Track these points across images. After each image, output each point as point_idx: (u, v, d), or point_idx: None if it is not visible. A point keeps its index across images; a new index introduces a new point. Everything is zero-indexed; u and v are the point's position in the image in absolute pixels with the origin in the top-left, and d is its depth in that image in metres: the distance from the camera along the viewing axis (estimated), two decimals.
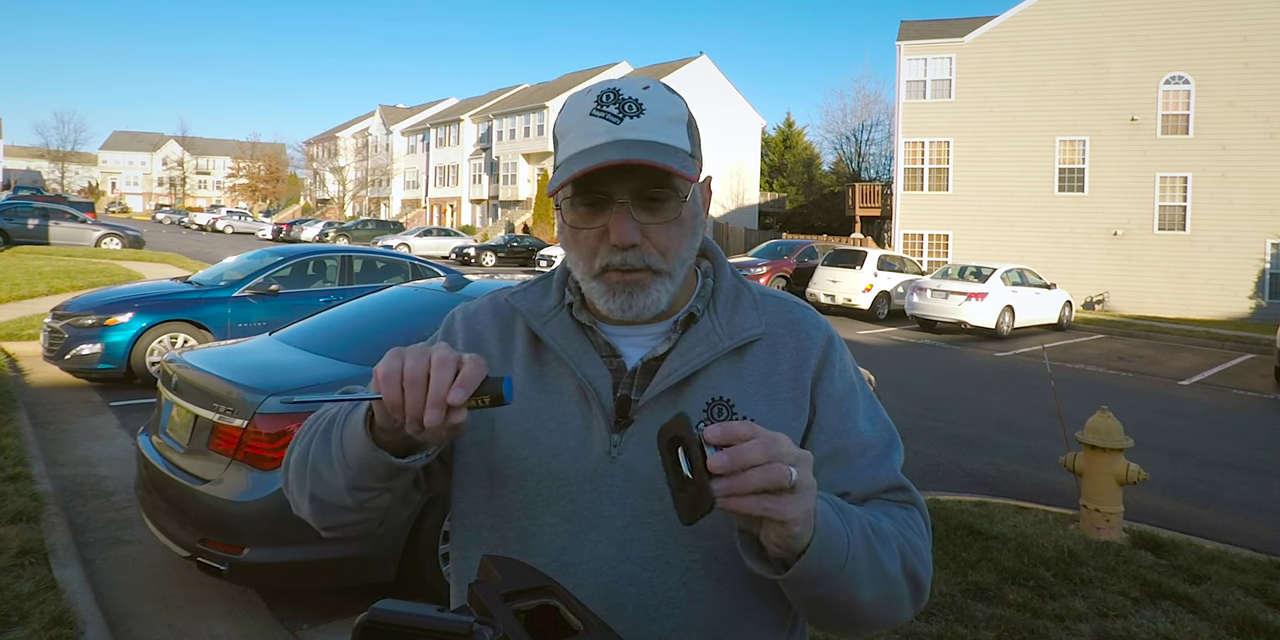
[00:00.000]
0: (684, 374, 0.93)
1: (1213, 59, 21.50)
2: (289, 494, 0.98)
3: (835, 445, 0.96)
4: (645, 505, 0.91)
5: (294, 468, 0.95)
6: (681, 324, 0.97)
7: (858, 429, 0.98)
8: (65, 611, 3.15)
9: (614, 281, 0.91)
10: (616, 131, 0.87)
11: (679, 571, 0.91)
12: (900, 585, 0.86)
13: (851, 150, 41.56)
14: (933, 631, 3.31)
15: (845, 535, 0.79)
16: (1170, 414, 9.22)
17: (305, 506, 0.94)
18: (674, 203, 0.90)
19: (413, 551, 3.37)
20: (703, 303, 0.99)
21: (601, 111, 0.88)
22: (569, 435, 0.94)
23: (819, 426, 0.97)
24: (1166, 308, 21.65)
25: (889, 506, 0.95)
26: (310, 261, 8.90)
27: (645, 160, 0.85)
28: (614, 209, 0.88)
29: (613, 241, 0.89)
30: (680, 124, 0.91)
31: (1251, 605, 3.75)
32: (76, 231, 23.35)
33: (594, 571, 0.91)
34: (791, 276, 19.04)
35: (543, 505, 0.93)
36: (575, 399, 0.94)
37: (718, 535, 0.90)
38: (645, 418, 0.92)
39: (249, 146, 75.75)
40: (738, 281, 1.03)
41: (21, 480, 4.54)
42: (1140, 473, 4.56)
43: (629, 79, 0.92)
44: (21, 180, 65.83)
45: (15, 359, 8.31)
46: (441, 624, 0.62)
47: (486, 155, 48.26)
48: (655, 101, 0.90)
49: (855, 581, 0.80)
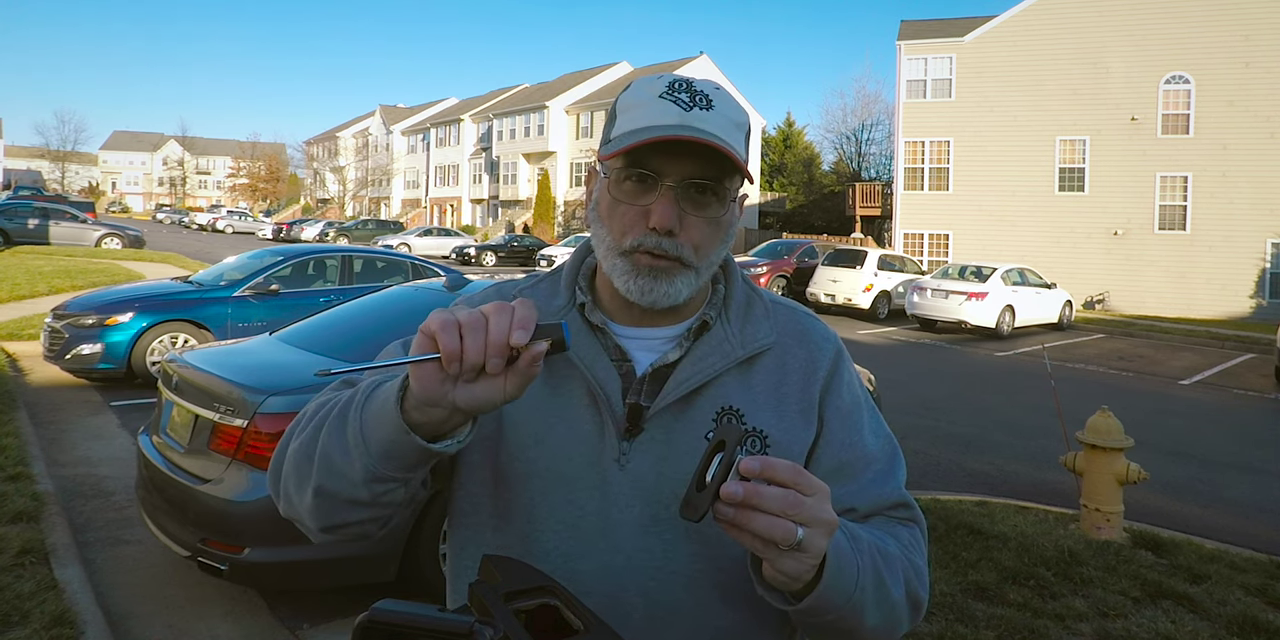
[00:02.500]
0: (696, 384, 0.92)
1: (1213, 58, 21.50)
2: (281, 490, 0.90)
3: (841, 459, 0.96)
4: (652, 514, 0.90)
5: (294, 460, 0.87)
6: (694, 332, 0.96)
7: (863, 443, 0.98)
8: (65, 611, 3.15)
9: (642, 263, 0.89)
10: (686, 117, 0.86)
11: (685, 581, 0.90)
12: (903, 609, 0.87)
13: (851, 150, 41.59)
14: (933, 631, 3.31)
15: (856, 565, 0.79)
16: (1170, 414, 9.22)
17: (307, 502, 0.85)
18: (718, 201, 0.90)
19: (413, 551, 3.37)
20: (715, 310, 0.98)
21: (673, 96, 0.88)
22: (578, 440, 0.92)
23: (826, 440, 0.97)
24: (1167, 307, 21.65)
25: (893, 526, 0.95)
26: (310, 261, 8.90)
27: (713, 141, 0.84)
28: (661, 191, 0.88)
29: (653, 223, 0.87)
30: (742, 131, 0.91)
31: (1252, 605, 3.75)
32: (77, 231, 23.34)
33: (600, 580, 0.90)
34: (791, 276, 19.04)
35: (548, 510, 0.92)
36: (585, 402, 0.93)
37: (725, 545, 0.89)
38: (654, 427, 0.91)
39: (249, 146, 75.78)
40: (749, 289, 1.02)
41: (22, 480, 4.54)
42: (1140, 472, 4.56)
43: (703, 79, 0.93)
44: (22, 180, 65.90)
45: (15, 359, 8.31)
46: (441, 624, 0.62)
47: (487, 155, 48.27)
48: (724, 102, 0.90)
49: (862, 610, 0.80)
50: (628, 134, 0.87)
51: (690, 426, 0.91)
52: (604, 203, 0.92)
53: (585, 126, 42.26)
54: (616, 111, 0.92)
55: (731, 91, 0.95)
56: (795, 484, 0.70)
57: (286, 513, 0.92)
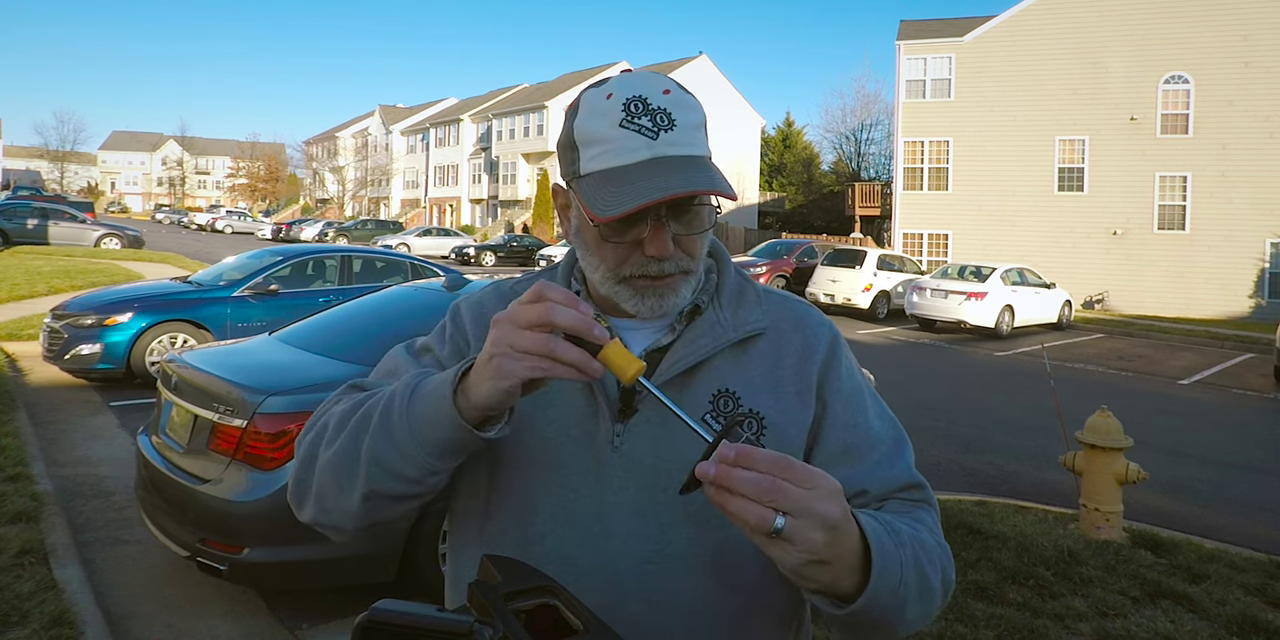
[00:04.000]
0: (689, 364, 0.93)
1: (1212, 58, 21.50)
2: (314, 500, 0.91)
3: (847, 441, 0.96)
4: (649, 497, 0.90)
5: (332, 470, 0.87)
6: (686, 316, 0.97)
7: (868, 425, 0.98)
8: (65, 611, 3.14)
9: (643, 287, 0.91)
10: (656, 147, 0.86)
11: (682, 564, 0.90)
12: (938, 595, 0.86)
13: (851, 150, 41.58)
14: (933, 631, 3.31)
15: (899, 561, 0.78)
16: (1170, 413, 9.22)
17: (354, 507, 0.87)
18: (705, 216, 0.92)
19: (413, 551, 3.37)
20: (707, 296, 0.99)
21: (635, 124, 0.86)
22: (572, 422, 0.93)
23: (830, 422, 0.97)
24: (1166, 307, 21.65)
25: (912, 510, 0.95)
26: (310, 261, 8.90)
27: (700, 189, 0.84)
28: (650, 223, 0.88)
29: (650, 253, 0.88)
30: (702, 129, 0.91)
31: (1251, 604, 3.75)
32: (76, 231, 23.33)
33: (597, 563, 0.90)
34: (791, 276, 19.05)
35: (544, 494, 0.92)
36: (579, 387, 0.94)
37: (724, 528, 0.88)
38: (648, 408, 0.92)
39: (249, 146, 75.67)
40: (741, 279, 1.04)
41: (21, 480, 4.54)
42: (1140, 472, 4.56)
43: (644, 78, 0.90)
44: (21, 180, 65.80)
45: (15, 359, 8.31)
46: (441, 624, 0.62)
47: (486, 155, 48.25)
48: (681, 110, 0.88)
49: (904, 604, 0.80)
50: (604, 178, 0.86)
51: (686, 409, 0.91)
52: (589, 235, 0.92)
53: None
54: (575, 141, 0.89)
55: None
56: (779, 473, 0.68)
57: (317, 520, 0.93)
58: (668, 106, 0.87)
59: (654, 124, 0.86)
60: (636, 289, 0.91)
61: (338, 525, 0.91)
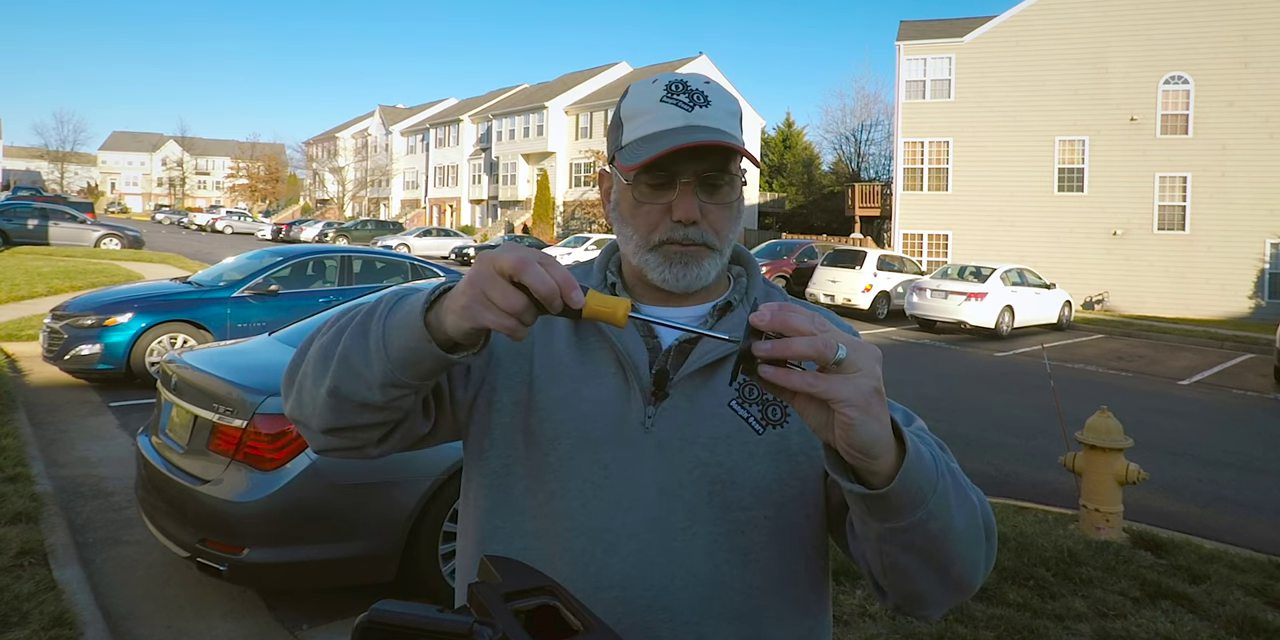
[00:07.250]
0: (719, 355, 0.97)
1: (1212, 59, 21.51)
2: (294, 387, 0.95)
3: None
4: (677, 477, 0.94)
5: (314, 360, 0.92)
6: (719, 310, 1.04)
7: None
8: (65, 612, 3.15)
9: (672, 252, 0.97)
10: (690, 118, 0.95)
11: (706, 543, 0.94)
12: (979, 524, 0.84)
13: (851, 150, 41.62)
14: (933, 632, 3.31)
15: (932, 456, 0.78)
16: (1170, 414, 9.22)
17: (320, 399, 0.90)
18: (730, 187, 0.98)
19: (413, 551, 3.37)
20: (739, 295, 1.06)
21: (673, 99, 0.96)
22: (605, 404, 0.97)
23: None
24: (1166, 307, 21.66)
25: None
26: (310, 262, 8.90)
27: (726, 141, 0.92)
28: (679, 188, 0.95)
29: (676, 217, 0.95)
30: (737, 119, 0.99)
31: (1251, 605, 3.75)
32: (76, 232, 23.32)
33: (623, 538, 0.93)
34: (791, 276, 19.05)
35: (574, 469, 0.96)
36: (613, 370, 0.98)
37: (748, 508, 0.94)
38: (679, 394, 0.97)
39: (249, 147, 75.65)
40: (768, 286, 1.12)
41: (21, 481, 4.54)
42: (1140, 472, 4.56)
43: (687, 74, 1.00)
44: (21, 181, 65.90)
45: (15, 359, 8.31)
46: (441, 624, 0.62)
47: (486, 155, 48.26)
48: (718, 96, 0.98)
49: (949, 507, 0.78)
50: (642, 141, 0.95)
51: (713, 395, 0.97)
52: (625, 204, 1.00)
53: (585, 127, 42.24)
54: (622, 119, 1.00)
55: (721, 81, 1.01)
56: (819, 322, 0.71)
57: (293, 412, 0.97)
58: (705, 91, 0.97)
59: (691, 100, 0.96)
60: (665, 256, 0.97)
61: (307, 421, 0.94)
